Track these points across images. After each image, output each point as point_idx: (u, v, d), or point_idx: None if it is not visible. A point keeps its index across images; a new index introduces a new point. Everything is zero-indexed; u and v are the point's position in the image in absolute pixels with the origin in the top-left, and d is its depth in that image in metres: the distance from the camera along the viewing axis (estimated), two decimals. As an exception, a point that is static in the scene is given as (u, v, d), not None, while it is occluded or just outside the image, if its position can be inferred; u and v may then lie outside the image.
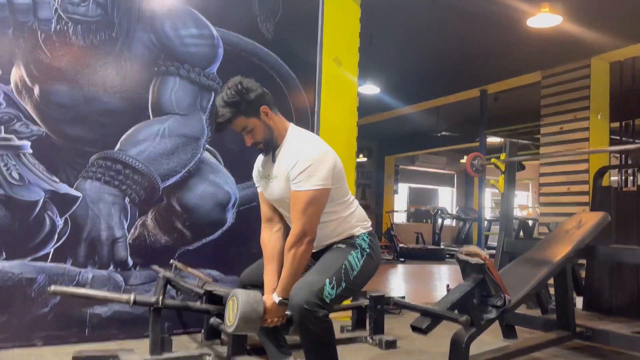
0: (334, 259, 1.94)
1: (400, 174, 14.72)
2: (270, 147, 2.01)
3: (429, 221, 13.63)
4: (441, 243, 12.38)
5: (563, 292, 2.86)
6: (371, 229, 2.09)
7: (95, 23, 2.92)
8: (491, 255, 2.73)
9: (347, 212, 2.02)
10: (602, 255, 2.94)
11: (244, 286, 2.22)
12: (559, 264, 2.74)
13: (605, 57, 5.40)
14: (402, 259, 10.08)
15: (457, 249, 2.67)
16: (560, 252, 2.81)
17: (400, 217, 14.89)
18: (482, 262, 2.46)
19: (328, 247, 2.04)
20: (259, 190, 2.16)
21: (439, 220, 12.85)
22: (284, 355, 2.16)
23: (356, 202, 2.10)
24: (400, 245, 10.64)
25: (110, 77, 2.97)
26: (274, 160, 2.01)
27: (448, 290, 2.55)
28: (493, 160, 3.52)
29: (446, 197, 16.28)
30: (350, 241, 2.00)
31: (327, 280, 1.83)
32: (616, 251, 2.96)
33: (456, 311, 2.41)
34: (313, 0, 3.70)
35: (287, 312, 1.95)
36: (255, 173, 2.18)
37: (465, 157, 14.43)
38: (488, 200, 14.44)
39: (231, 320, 1.86)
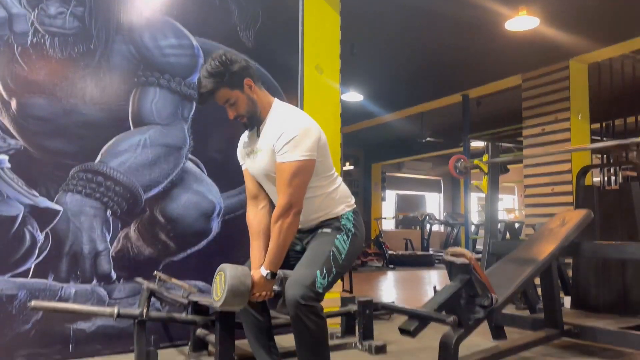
0: (321, 248, 1.94)
1: (388, 181, 14.77)
2: (254, 121, 2.00)
3: (418, 227, 13.65)
4: (430, 249, 12.40)
5: (550, 291, 2.87)
6: (355, 206, 2.09)
7: (73, 35, 2.90)
8: (478, 259, 2.74)
9: (331, 187, 2.02)
10: (587, 251, 2.97)
11: None
12: (544, 261, 2.75)
13: (583, 59, 5.49)
14: (392, 266, 10.07)
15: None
16: (545, 250, 2.82)
17: (388, 224, 14.91)
18: (468, 262, 2.46)
19: (314, 231, 2.04)
20: (243, 167, 2.15)
21: (427, 226, 12.88)
22: None
23: (340, 179, 2.10)
24: (390, 252, 10.64)
25: (89, 89, 2.94)
26: (258, 135, 2.01)
27: (435, 292, 2.54)
28: (476, 161, 3.55)
29: (434, 203, 16.35)
30: (335, 224, 1.99)
31: (318, 272, 1.84)
32: (601, 247, 2.98)
33: (444, 312, 2.41)
34: (293, 8, 3.71)
35: (275, 287, 1.95)
36: (239, 150, 2.17)
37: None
38: (475, 205, 14.51)
39: (219, 294, 1.85)
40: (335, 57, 3.87)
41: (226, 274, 1.84)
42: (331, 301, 3.23)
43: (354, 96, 6.87)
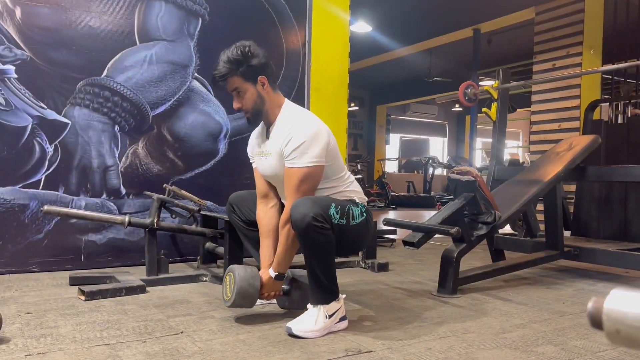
0: (337, 199, 1.90)
1: (392, 124, 14.67)
2: (258, 118, 1.97)
3: (420, 171, 13.70)
4: (432, 192, 12.49)
5: (552, 213, 2.91)
6: (366, 203, 2.04)
7: (76, -58, 2.80)
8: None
9: (342, 187, 2.00)
10: (593, 174, 2.98)
11: (232, 206, 2.24)
12: (549, 182, 2.77)
13: (600, -10, 5.31)
14: (394, 206, 10.18)
15: (448, 196, 2.66)
16: (550, 172, 2.84)
17: (392, 167, 14.95)
18: (474, 179, 2.48)
19: None
20: (254, 166, 2.14)
21: (430, 169, 12.92)
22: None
23: (352, 177, 2.08)
24: (392, 193, 10.72)
25: (94, 0, 2.87)
26: (268, 137, 1.99)
27: (439, 209, 2.58)
28: (486, 87, 3.50)
29: (438, 147, 16.32)
30: (350, 201, 1.95)
31: (333, 204, 1.81)
32: (606, 170, 2.99)
33: (447, 226, 2.45)
34: None
35: (284, 286, 2.00)
36: (249, 149, 2.16)
37: (457, 105, 14.30)
38: (479, 149, 14.47)
39: (228, 295, 1.88)
40: (346, -21, 3.74)
41: (235, 276, 1.87)
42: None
43: (362, 27, 6.70)
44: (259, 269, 1.98)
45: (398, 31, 7.16)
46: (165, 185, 2.80)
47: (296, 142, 1.84)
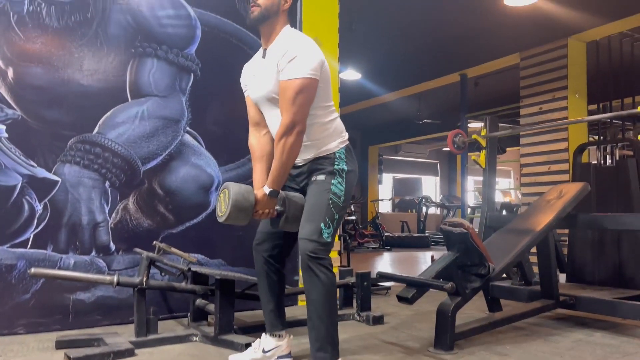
0: (319, 198, 1.97)
1: (384, 164, 14.77)
2: (262, 20, 1.99)
3: (414, 211, 13.70)
4: (426, 231, 12.46)
5: (546, 262, 2.90)
6: (348, 142, 2.11)
7: (70, 4, 2.86)
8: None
9: (328, 117, 2.04)
10: (584, 223, 2.98)
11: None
12: (541, 232, 2.77)
13: (581, 37, 5.47)
14: (388, 247, 10.13)
15: (442, 236, 2.67)
16: (542, 221, 2.84)
17: (385, 207, 14.96)
18: (466, 231, 2.48)
19: (308, 175, 2.05)
20: (246, 94, 2.18)
21: (424, 209, 12.93)
22: (280, 327, 2.15)
23: (336, 113, 2.13)
24: (386, 233, 10.69)
25: (86, 59, 2.91)
26: (264, 56, 2.04)
27: (433, 261, 2.57)
28: (474, 136, 3.55)
29: (430, 186, 16.40)
30: (328, 168, 2.01)
31: (322, 224, 1.90)
32: (597, 218, 3.00)
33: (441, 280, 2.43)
34: (291, -19, 3.67)
35: (277, 207, 1.99)
36: (243, 76, 2.20)
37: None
38: (471, 188, 14.56)
39: (223, 209, 1.90)
40: (334, 31, 3.83)
41: (230, 191, 1.89)
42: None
43: (352, 74, 6.84)
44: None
45: (387, 77, 7.32)
46: (155, 242, 2.77)
47: (292, 54, 1.88)
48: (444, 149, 15.55)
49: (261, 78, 2.02)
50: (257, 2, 1.96)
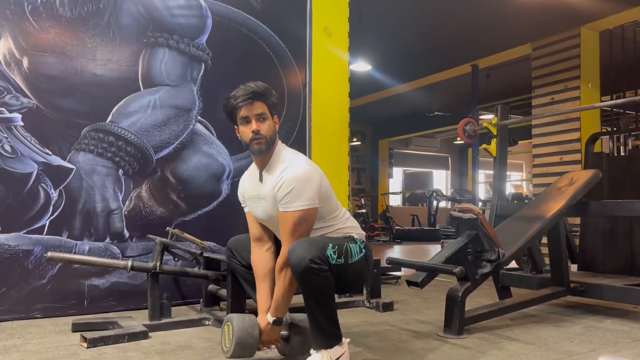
0: (336, 237, 1.93)
1: (395, 158, 14.74)
2: (268, 150, 1.96)
3: (425, 204, 13.67)
4: (437, 225, 12.44)
5: (556, 248, 2.89)
6: (364, 238, 2.05)
7: (82, -6, 2.90)
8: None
9: (338, 225, 2.02)
10: (595, 209, 2.97)
11: (232, 251, 2.23)
12: (552, 218, 2.77)
13: (594, 26, 5.42)
14: (399, 240, 10.13)
15: (452, 230, 2.67)
16: (553, 207, 2.84)
17: (395, 201, 14.94)
18: (475, 217, 2.48)
19: None
20: (246, 210, 2.15)
21: (434, 202, 12.90)
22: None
23: (348, 214, 2.09)
24: (397, 227, 10.68)
25: (99, 49, 2.95)
26: (261, 180, 2.00)
27: (442, 247, 2.58)
28: (485, 124, 3.54)
29: (441, 180, 16.33)
30: (348, 237, 1.97)
31: (330, 244, 1.82)
32: (608, 205, 2.98)
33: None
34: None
35: (283, 332, 1.97)
36: (241, 193, 2.16)
37: (458, 138, 14.40)
38: (482, 181, 14.48)
39: (227, 345, 1.86)
40: (344, 20, 3.84)
41: (233, 326, 1.84)
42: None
43: (362, 66, 6.83)
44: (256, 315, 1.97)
45: (397, 69, 7.29)
46: (168, 228, 2.81)
47: (288, 186, 1.85)
48: (455, 142, 15.47)
49: (261, 204, 2.00)
50: (262, 134, 1.93)
